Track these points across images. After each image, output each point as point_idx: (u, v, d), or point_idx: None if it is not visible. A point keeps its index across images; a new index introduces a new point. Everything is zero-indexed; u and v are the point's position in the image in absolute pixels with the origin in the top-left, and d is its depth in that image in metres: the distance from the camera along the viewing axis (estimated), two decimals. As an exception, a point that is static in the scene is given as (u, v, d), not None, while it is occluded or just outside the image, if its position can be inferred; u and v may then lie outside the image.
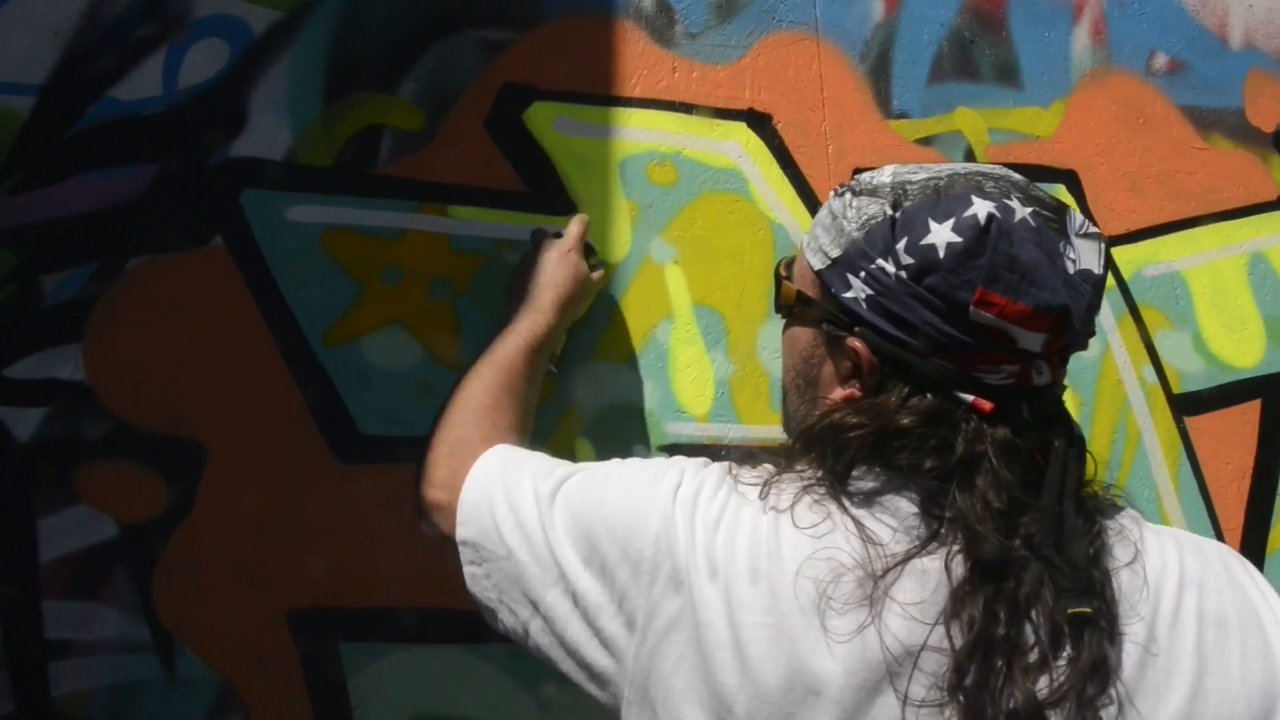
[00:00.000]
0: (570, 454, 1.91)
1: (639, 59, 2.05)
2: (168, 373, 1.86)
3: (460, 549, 1.22)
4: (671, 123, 2.03)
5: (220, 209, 1.90)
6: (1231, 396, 2.25)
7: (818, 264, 1.12)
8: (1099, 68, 2.31)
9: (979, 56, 2.23)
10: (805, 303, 1.14)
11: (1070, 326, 1.03)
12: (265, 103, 1.92)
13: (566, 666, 1.13)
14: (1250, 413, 2.26)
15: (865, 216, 1.09)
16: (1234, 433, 2.24)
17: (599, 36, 2.05)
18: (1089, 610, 0.94)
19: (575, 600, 1.09)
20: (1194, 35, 2.40)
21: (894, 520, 1.01)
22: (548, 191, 1.98)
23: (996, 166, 1.12)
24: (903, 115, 2.17)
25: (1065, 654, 0.95)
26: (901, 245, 1.04)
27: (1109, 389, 2.17)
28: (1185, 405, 2.22)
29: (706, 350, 1.98)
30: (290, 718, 1.81)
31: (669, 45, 2.06)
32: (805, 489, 1.03)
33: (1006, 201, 1.04)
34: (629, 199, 2.00)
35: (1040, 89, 2.27)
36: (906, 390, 1.04)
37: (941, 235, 1.02)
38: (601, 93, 2.03)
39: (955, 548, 0.98)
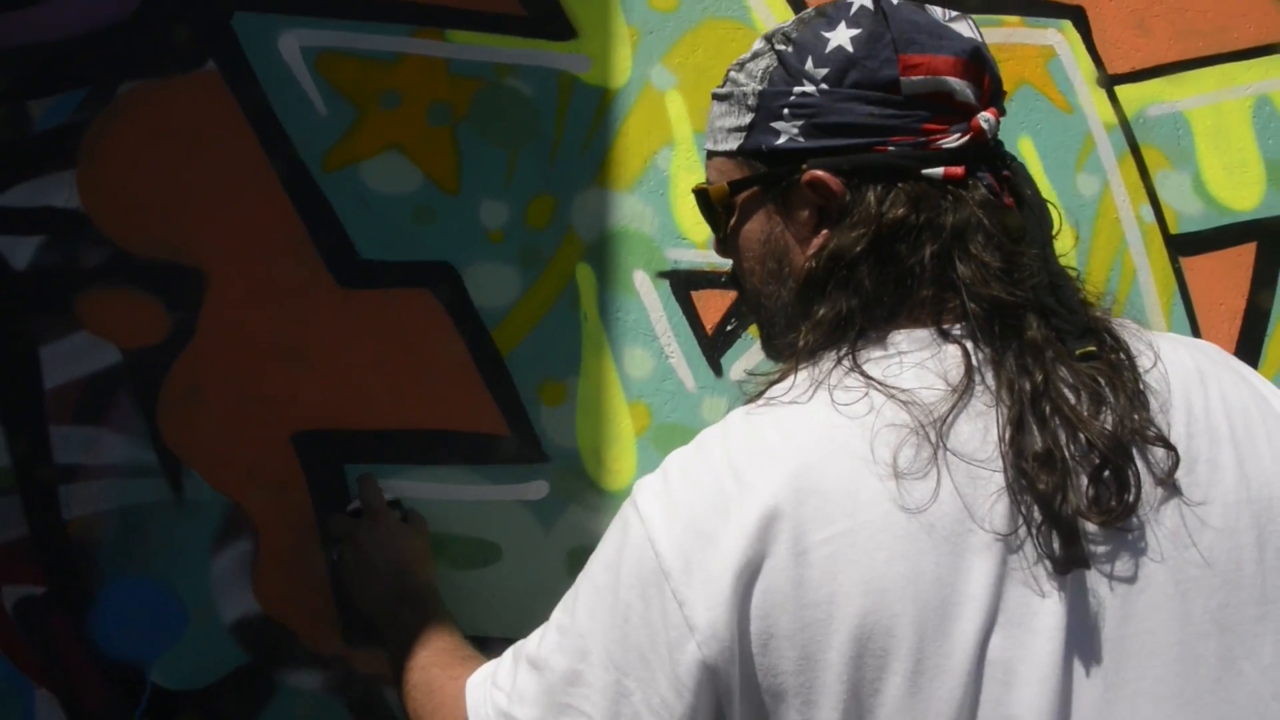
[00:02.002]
0: (571, 281, 2.00)
1: (637, -119, 2.05)
2: (164, 199, 1.92)
3: None
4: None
5: (212, 32, 1.93)
6: (1228, 238, 2.32)
7: (734, 143, 1.16)
8: (1111, -103, 2.33)
9: (990, -114, 2.24)
10: (741, 185, 1.17)
11: (988, 64, 1.12)
12: (255, -79, 1.94)
13: None
14: (1245, 255, 2.34)
15: (760, 70, 1.14)
16: (1228, 274, 2.32)
17: None
18: (1093, 348, 1.01)
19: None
20: None
21: (926, 370, 1.03)
22: (546, 16, 2.01)
23: None
24: (910, -55, 2.19)
25: (1101, 396, 1.01)
26: (809, 64, 1.10)
27: (1107, 227, 2.24)
28: (1182, 245, 2.29)
29: None
30: (297, 538, 1.93)
31: None
32: (830, 374, 1.05)
33: None
34: (630, 25, 2.04)
35: (1051, -79, 2.29)
36: (880, 188, 1.08)
37: (841, 35, 1.09)
38: (602, -85, 2.04)
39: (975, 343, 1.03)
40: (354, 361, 1.95)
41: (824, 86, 1.09)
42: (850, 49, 1.07)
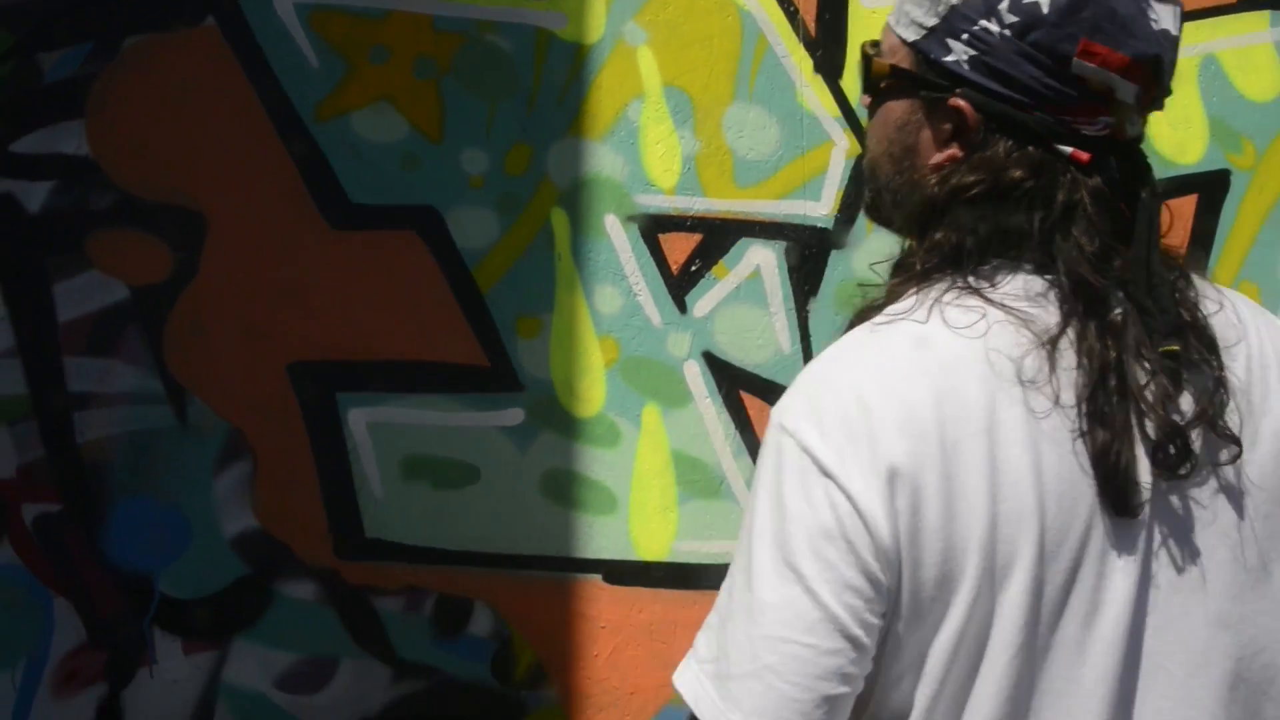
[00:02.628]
0: (546, 224, 2.20)
1: None
2: (168, 147, 2.10)
3: None
4: (658, -92, 2.23)
5: None
6: (1170, 190, 2.45)
7: (911, 35, 1.23)
8: None
9: None
10: (899, 74, 1.25)
11: (1161, 77, 1.16)
12: (250, -115, 2.11)
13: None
14: (1186, 206, 2.54)
15: None
16: (1167, 224, 2.49)
17: None
18: (1176, 348, 1.12)
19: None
20: None
21: (1033, 300, 1.13)
22: None
23: None
24: (872, -93, 2.35)
25: (1175, 388, 1.12)
26: (1004, 5, 1.15)
27: None
28: None
29: (675, 128, 2.25)
30: (293, 460, 2.14)
31: None
32: (943, 295, 1.13)
33: None
34: None
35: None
36: (1010, 143, 1.15)
37: None
38: (576, -122, 2.20)
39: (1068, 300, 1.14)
40: (344, 298, 2.15)
41: (1006, 33, 1.15)
42: (1045, 10, 1.13)
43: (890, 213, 1.25)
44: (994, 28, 1.14)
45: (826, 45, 2.37)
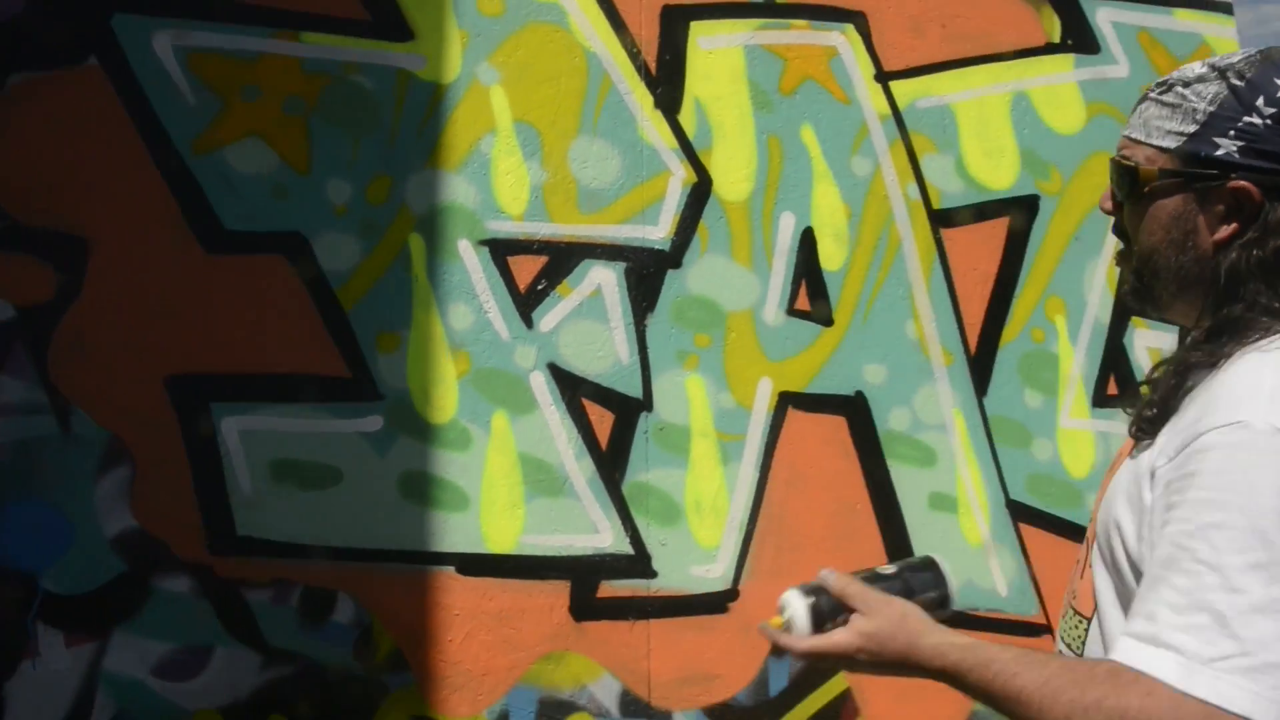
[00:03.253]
0: (404, 248, 2.40)
1: (472, -97, 2.45)
2: (53, 177, 2.27)
3: None
4: (500, -40, 2.45)
5: (93, 31, 2.29)
6: (985, 213, 2.80)
7: (1172, 143, 1.48)
8: (898, -81, 2.76)
9: (785, -91, 2.67)
10: (1171, 175, 1.49)
11: None
12: (130, -67, 2.31)
13: None
14: (999, 227, 2.81)
15: (1210, 95, 1.45)
16: (984, 244, 2.79)
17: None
18: None
19: None
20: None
21: None
22: (387, 20, 2.41)
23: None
24: (710, -41, 2.61)
25: None
26: (1260, 101, 1.42)
27: (876, 203, 2.70)
28: (943, 219, 2.76)
29: (524, 160, 2.48)
30: (170, 465, 2.31)
31: (500, -110, 2.46)
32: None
33: None
34: (460, 28, 2.45)
35: (839, -61, 2.72)
36: None
37: None
38: (438, -68, 2.43)
39: None
40: (218, 316, 2.32)
41: (1269, 122, 1.42)
42: None
43: (1164, 290, 1.49)
44: (1256, 120, 1.42)
45: (666, 83, 2.61)
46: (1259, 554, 1.18)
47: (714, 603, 2.63)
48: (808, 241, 2.72)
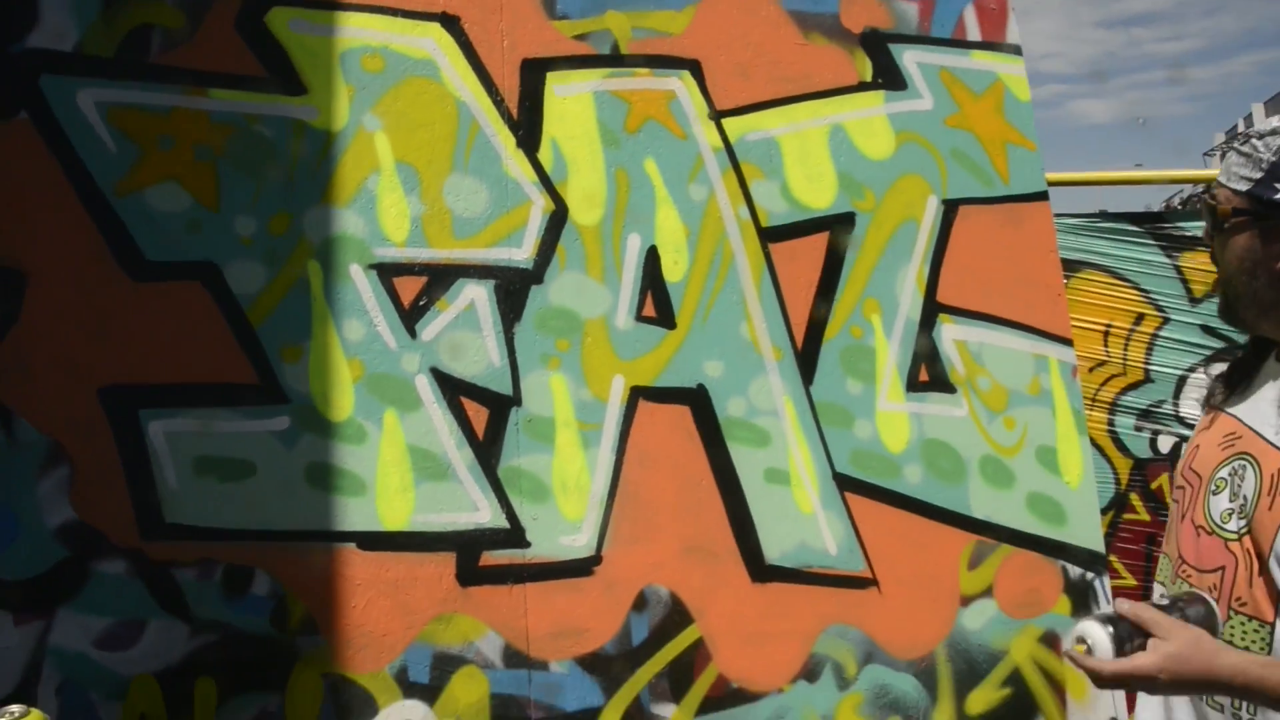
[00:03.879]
0: (304, 272, 2.73)
1: (356, -28, 2.82)
2: None
3: None
4: (381, 23, 2.83)
5: (23, 90, 2.61)
6: (806, 230, 3.18)
7: (1243, 187, 1.75)
8: (726, -21, 3.18)
9: (629, -29, 3.07)
10: (1240, 214, 1.76)
11: None
12: (54, 3, 2.63)
13: None
14: (820, 241, 3.19)
15: (1276, 147, 1.71)
16: (807, 256, 3.18)
17: (324, -46, 2.81)
18: None
19: None
20: (805, -46, 3.28)
21: None
22: (285, 78, 2.75)
23: None
24: (564, 17, 3.01)
25: None
26: None
27: (711, 224, 3.08)
28: (771, 235, 3.14)
29: (405, 195, 2.81)
30: (104, 464, 2.59)
31: (380, -39, 2.84)
32: None
33: None
34: (347, 83, 2.79)
35: (677, -5, 3.13)
36: None
37: None
38: (325, -1, 2.80)
39: None
40: (143, 334, 2.62)
41: None
42: None
43: (1247, 312, 1.79)
44: None
45: (526, 126, 2.93)
46: None
47: (580, 567, 2.87)
48: (652, 258, 3.00)
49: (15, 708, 1.78)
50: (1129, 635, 1.57)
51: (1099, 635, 1.56)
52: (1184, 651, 1.55)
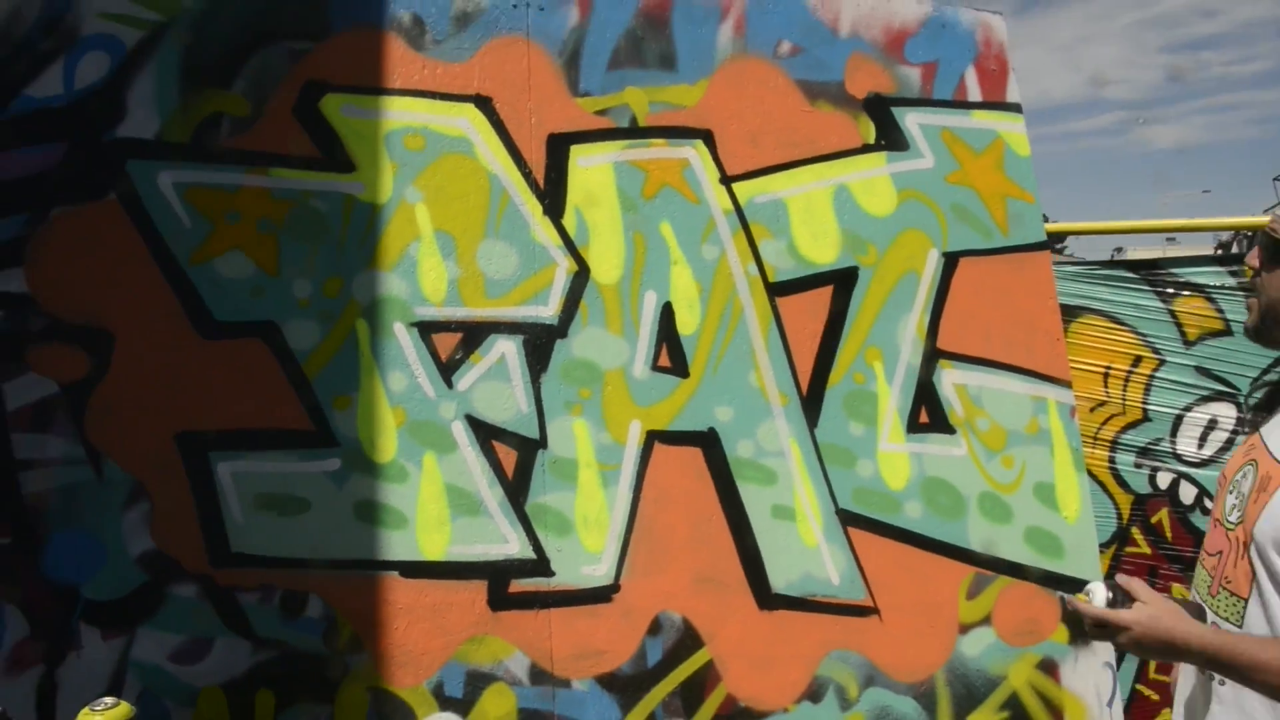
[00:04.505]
0: (353, 330, 3.05)
1: (400, 60, 3.17)
2: (84, 285, 2.92)
3: None
4: (421, 106, 3.18)
5: (113, 174, 2.97)
6: (812, 284, 3.44)
7: None
8: (737, 54, 3.47)
9: (646, 49, 3.38)
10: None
11: None
12: (139, 97, 3.00)
13: None
14: (824, 295, 3.44)
15: None
16: (811, 309, 3.43)
17: (372, 44, 3.16)
18: None
19: None
20: (812, 26, 3.56)
21: None
22: (337, 157, 3.10)
23: None
24: (586, 94, 3.32)
25: None
26: None
27: (722, 281, 3.35)
28: (778, 290, 3.39)
29: (443, 259, 3.12)
30: (177, 500, 2.91)
31: (421, 49, 3.18)
32: None
33: None
34: (391, 160, 3.12)
35: (690, 71, 3.42)
36: None
37: None
38: (373, 85, 3.14)
39: None
40: (213, 386, 2.95)
41: None
42: None
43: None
44: None
45: (551, 195, 3.19)
46: None
47: (600, 595, 3.09)
48: (667, 313, 3.23)
49: (108, 699, 2.13)
50: (1123, 599, 1.93)
51: (1098, 590, 1.94)
52: (1158, 613, 1.87)
